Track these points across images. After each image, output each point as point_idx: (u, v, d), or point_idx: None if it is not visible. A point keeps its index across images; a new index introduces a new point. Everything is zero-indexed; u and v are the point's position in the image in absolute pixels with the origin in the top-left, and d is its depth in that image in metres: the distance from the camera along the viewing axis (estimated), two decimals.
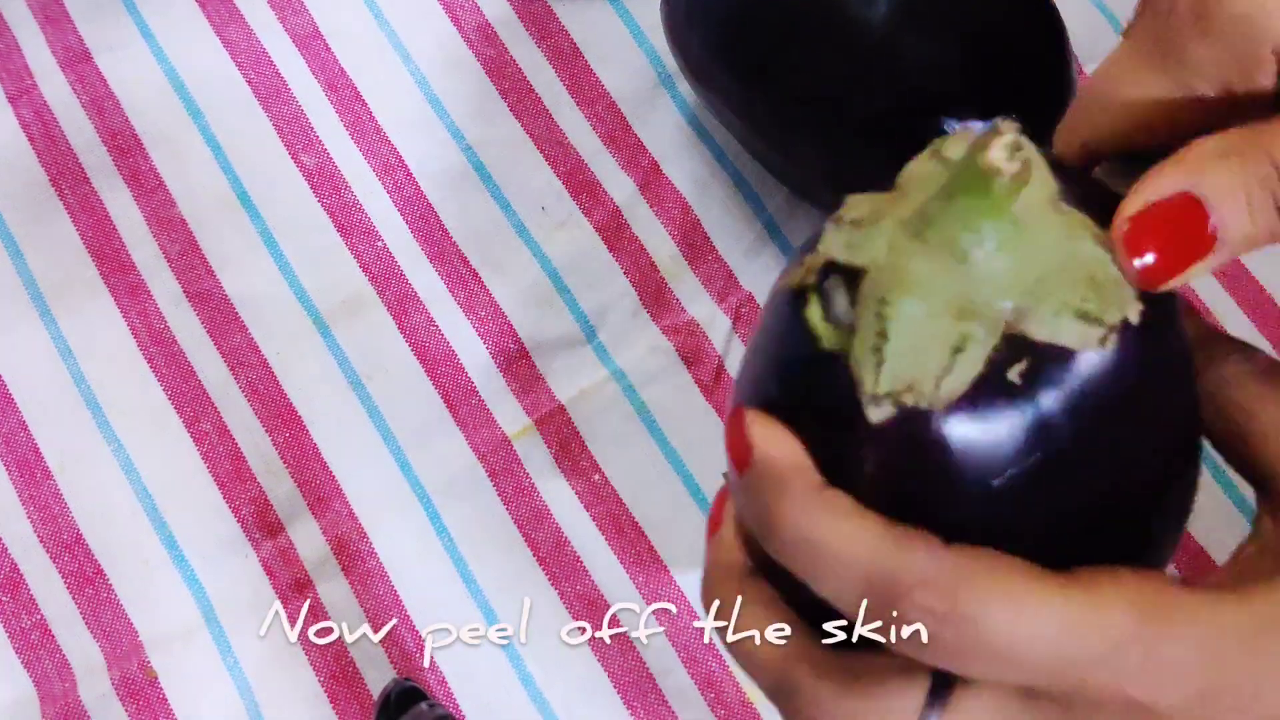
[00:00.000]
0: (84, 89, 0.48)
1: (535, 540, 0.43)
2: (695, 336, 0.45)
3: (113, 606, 0.42)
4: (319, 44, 0.49)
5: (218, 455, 0.44)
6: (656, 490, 0.43)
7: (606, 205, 0.47)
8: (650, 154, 0.47)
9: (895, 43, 0.38)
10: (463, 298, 0.46)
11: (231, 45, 0.49)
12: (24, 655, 0.42)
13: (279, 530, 0.43)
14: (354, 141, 0.48)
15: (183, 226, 0.46)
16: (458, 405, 0.44)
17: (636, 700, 0.41)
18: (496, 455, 0.44)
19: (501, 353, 0.45)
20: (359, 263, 0.46)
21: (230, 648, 0.42)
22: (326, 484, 0.43)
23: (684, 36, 0.43)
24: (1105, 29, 0.50)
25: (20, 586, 0.42)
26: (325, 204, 0.47)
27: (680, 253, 0.46)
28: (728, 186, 0.47)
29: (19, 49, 0.49)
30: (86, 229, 0.46)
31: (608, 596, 0.42)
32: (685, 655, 0.41)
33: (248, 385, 0.45)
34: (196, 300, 0.46)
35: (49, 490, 0.43)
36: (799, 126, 0.40)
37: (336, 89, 0.48)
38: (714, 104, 0.44)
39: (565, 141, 0.48)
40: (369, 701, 0.41)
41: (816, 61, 0.39)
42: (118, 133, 0.48)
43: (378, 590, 0.42)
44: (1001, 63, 0.38)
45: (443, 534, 0.43)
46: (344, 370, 0.45)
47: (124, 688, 0.41)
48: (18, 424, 0.44)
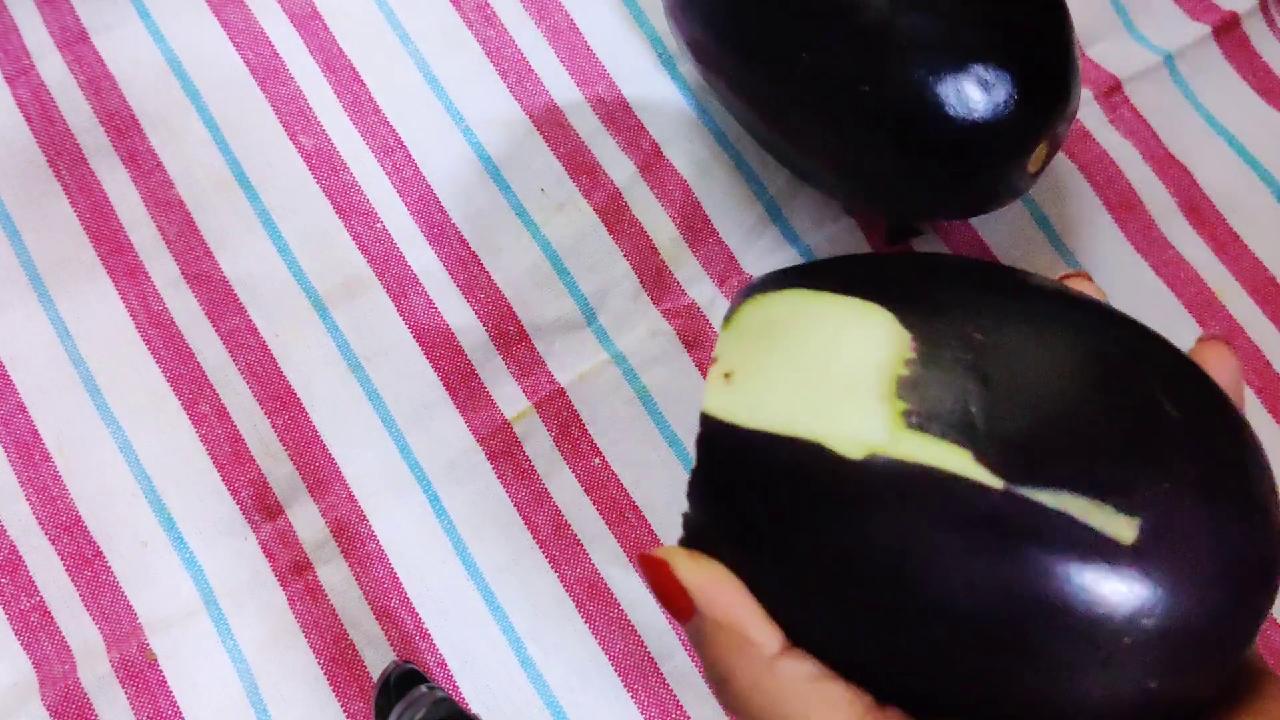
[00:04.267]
0: (81, 69, 0.48)
1: (535, 523, 0.43)
2: (696, 319, 0.45)
3: (112, 589, 0.42)
4: (317, 24, 0.49)
5: (216, 437, 0.44)
6: (657, 473, 0.43)
7: (607, 187, 0.47)
8: (651, 136, 0.47)
9: (897, 23, 0.38)
10: (462, 280, 0.46)
11: (229, 25, 0.49)
12: (23, 637, 0.42)
13: (278, 512, 0.43)
14: (352, 122, 0.48)
15: (180, 207, 0.46)
16: (457, 388, 0.44)
17: (637, 683, 0.41)
18: (496, 438, 0.44)
19: (501, 335, 0.45)
20: (358, 244, 0.46)
21: (230, 630, 0.42)
22: (326, 466, 0.43)
23: (685, 18, 0.43)
24: (1108, 11, 0.50)
25: (19, 569, 0.42)
26: (324, 185, 0.47)
27: (681, 235, 0.46)
28: (728, 169, 0.47)
29: (16, 29, 0.48)
30: (84, 210, 0.46)
31: (607, 580, 0.42)
32: (686, 639, 0.41)
33: (246, 367, 0.44)
34: (194, 281, 0.45)
35: (48, 472, 0.43)
36: (800, 108, 0.40)
37: (335, 69, 0.48)
38: (715, 85, 0.44)
39: (565, 123, 0.47)
40: (369, 683, 0.41)
41: (818, 43, 0.39)
42: (115, 113, 0.47)
43: (377, 572, 0.42)
44: (1003, 43, 0.38)
45: (442, 516, 0.43)
46: (343, 352, 0.45)
47: (123, 669, 0.41)
48: (16, 406, 0.44)
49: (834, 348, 0.25)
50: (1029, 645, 0.22)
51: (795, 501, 0.23)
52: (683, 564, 0.23)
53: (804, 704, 0.22)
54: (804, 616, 0.23)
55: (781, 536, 0.23)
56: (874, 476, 0.23)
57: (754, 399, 0.25)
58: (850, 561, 0.23)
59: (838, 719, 0.21)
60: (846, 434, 0.23)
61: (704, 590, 0.23)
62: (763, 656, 0.22)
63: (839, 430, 0.23)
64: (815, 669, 0.22)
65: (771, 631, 0.23)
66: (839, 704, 0.22)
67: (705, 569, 0.23)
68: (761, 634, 0.22)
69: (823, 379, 0.25)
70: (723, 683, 0.23)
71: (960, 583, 0.22)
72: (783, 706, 0.22)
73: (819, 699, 0.22)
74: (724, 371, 0.26)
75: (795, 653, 0.22)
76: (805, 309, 0.27)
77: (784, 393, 0.25)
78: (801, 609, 0.23)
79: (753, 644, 0.22)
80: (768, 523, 0.24)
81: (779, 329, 0.27)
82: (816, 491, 0.23)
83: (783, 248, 0.46)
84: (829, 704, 0.22)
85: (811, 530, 0.23)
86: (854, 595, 0.23)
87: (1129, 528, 0.21)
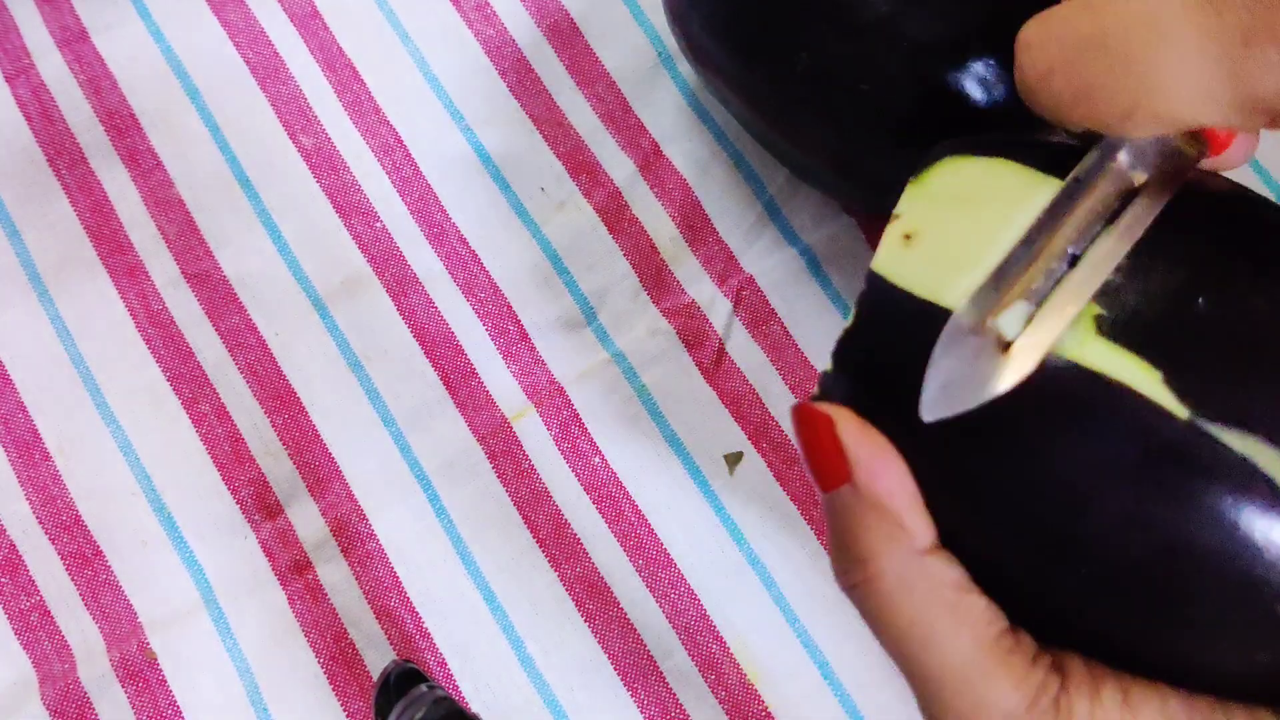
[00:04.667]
0: (81, 68, 0.48)
1: (535, 522, 0.43)
2: (696, 318, 0.45)
3: (112, 588, 0.42)
4: (317, 23, 0.49)
5: (216, 436, 0.44)
6: (656, 473, 0.43)
7: (606, 186, 0.47)
8: (650, 135, 0.47)
9: (897, 21, 0.38)
10: (462, 279, 0.46)
11: (229, 24, 0.49)
12: (23, 637, 0.42)
13: (278, 511, 0.43)
14: (352, 121, 0.48)
15: (180, 207, 0.46)
16: (457, 387, 0.44)
17: (637, 682, 0.41)
18: (496, 437, 0.44)
19: (501, 334, 0.45)
20: (358, 243, 0.46)
21: (230, 629, 0.42)
22: (325, 465, 0.43)
23: (684, 15, 0.43)
24: None
25: (19, 568, 0.42)
26: (324, 184, 0.47)
27: (681, 234, 0.46)
28: (728, 167, 0.47)
29: (16, 28, 0.48)
30: (84, 209, 0.46)
31: (607, 579, 0.42)
32: (686, 637, 0.41)
33: (246, 366, 0.44)
34: (194, 281, 0.45)
35: (47, 471, 0.43)
36: (800, 106, 0.40)
37: (335, 68, 0.48)
38: (714, 84, 0.44)
39: (565, 122, 0.47)
40: (369, 683, 0.41)
41: (818, 40, 0.39)
42: (115, 112, 0.47)
43: (377, 572, 0.42)
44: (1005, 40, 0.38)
45: (442, 516, 0.43)
46: (343, 351, 0.45)
47: (123, 669, 0.41)
48: (16, 405, 0.44)
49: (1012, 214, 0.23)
50: (1184, 593, 0.20)
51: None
52: (850, 428, 0.21)
53: (942, 609, 0.20)
54: (952, 517, 0.22)
55: (939, 428, 0.21)
56: (1052, 380, 0.21)
57: (934, 269, 0.23)
58: (1012, 469, 0.21)
59: (982, 635, 0.20)
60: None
61: (869, 463, 0.21)
62: (913, 549, 0.21)
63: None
64: (961, 576, 0.21)
65: (927, 525, 0.21)
66: (977, 621, 0.20)
67: (874, 439, 0.21)
68: (918, 525, 0.21)
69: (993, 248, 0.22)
70: (859, 563, 0.21)
71: (1123, 514, 0.20)
72: (919, 605, 0.21)
73: (958, 609, 0.21)
74: (904, 231, 0.24)
75: (945, 554, 0.21)
76: (1006, 182, 0.24)
77: (968, 269, 0.22)
78: (950, 508, 0.21)
79: (907, 533, 0.21)
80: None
81: (974, 199, 0.24)
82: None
83: (782, 247, 0.46)
84: (967, 617, 0.21)
85: (975, 427, 0.21)
86: (1010, 506, 0.21)
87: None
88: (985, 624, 0.21)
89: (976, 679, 0.20)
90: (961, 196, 0.24)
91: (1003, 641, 0.21)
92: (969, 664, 0.20)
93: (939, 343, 0.20)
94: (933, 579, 0.21)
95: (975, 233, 0.23)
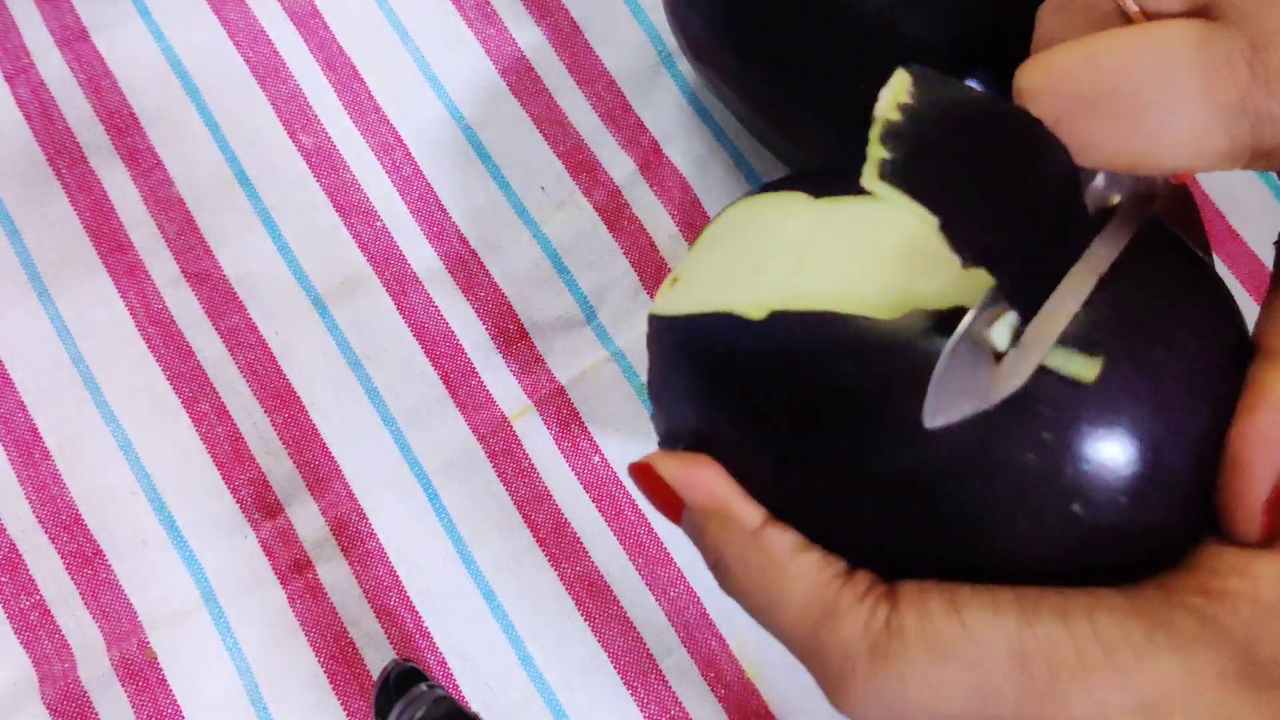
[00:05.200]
0: (81, 67, 0.48)
1: (535, 521, 0.43)
2: None
3: (112, 587, 0.42)
4: (317, 22, 0.49)
5: (216, 436, 0.44)
6: None
7: (606, 185, 0.47)
8: (650, 133, 0.47)
9: (895, 19, 0.38)
10: (462, 278, 0.46)
11: (229, 23, 0.49)
12: (23, 636, 0.42)
13: (278, 511, 0.43)
14: (352, 120, 0.48)
15: (180, 206, 0.46)
16: (457, 386, 0.44)
17: (636, 680, 0.41)
18: (496, 436, 0.44)
19: (501, 333, 0.45)
20: (357, 243, 0.46)
21: (230, 628, 0.42)
22: (325, 465, 0.43)
23: (684, 14, 0.43)
24: None
25: (19, 567, 0.42)
26: (323, 183, 0.47)
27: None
28: (728, 166, 0.47)
29: (15, 27, 0.48)
30: (84, 208, 0.46)
31: (607, 578, 0.42)
32: (685, 635, 0.41)
33: (246, 365, 0.44)
34: (194, 280, 0.45)
35: (47, 471, 0.43)
36: (799, 105, 0.40)
37: (335, 68, 0.48)
38: (714, 82, 0.44)
39: (565, 121, 0.47)
40: (369, 682, 0.41)
41: (816, 39, 0.39)
42: (115, 111, 0.47)
43: (377, 571, 0.42)
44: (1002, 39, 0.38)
45: (442, 515, 0.43)
46: (343, 350, 0.45)
47: (123, 668, 0.41)
48: (15, 404, 0.44)
49: (760, 231, 0.26)
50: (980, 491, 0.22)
51: (723, 369, 0.24)
52: (662, 461, 0.24)
53: (784, 573, 0.23)
54: (791, 491, 0.24)
55: (729, 412, 0.24)
56: (775, 331, 0.24)
57: (689, 291, 0.26)
58: (798, 420, 0.23)
59: (813, 584, 0.23)
60: (750, 300, 0.24)
61: (684, 479, 0.24)
62: (746, 532, 0.23)
63: (745, 298, 0.24)
64: (795, 539, 0.23)
65: (753, 508, 0.24)
66: (809, 572, 0.23)
67: (682, 460, 0.24)
68: (743, 510, 0.24)
69: (741, 260, 0.25)
70: (716, 567, 0.24)
71: (907, 434, 0.22)
72: (766, 576, 0.23)
73: (797, 568, 0.23)
74: (672, 279, 0.27)
75: (779, 526, 0.24)
76: (747, 209, 0.27)
77: (710, 278, 0.26)
78: (787, 483, 0.24)
79: (737, 519, 0.23)
80: (710, 403, 0.24)
81: (723, 232, 0.28)
82: (731, 355, 0.24)
83: None
84: (799, 571, 0.23)
85: (753, 397, 0.24)
86: (808, 457, 0.23)
87: (1090, 368, 0.21)
88: (818, 572, 0.23)
89: (817, 620, 0.23)
90: (712, 237, 0.28)
91: (833, 584, 0.23)
92: (807, 611, 0.23)
93: (942, 353, 0.21)
94: (767, 550, 0.23)
95: (717, 252, 0.26)
